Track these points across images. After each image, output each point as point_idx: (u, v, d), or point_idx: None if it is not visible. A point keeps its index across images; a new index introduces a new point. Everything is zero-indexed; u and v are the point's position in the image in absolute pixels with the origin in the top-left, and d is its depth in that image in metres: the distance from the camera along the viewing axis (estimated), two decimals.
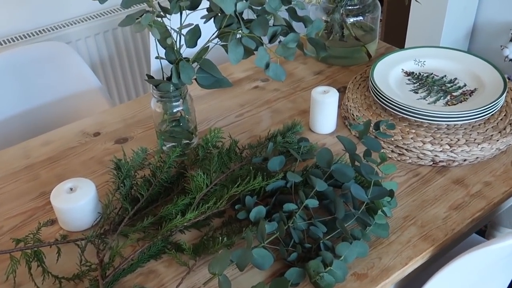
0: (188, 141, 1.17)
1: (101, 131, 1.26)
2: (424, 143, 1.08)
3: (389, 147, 1.12)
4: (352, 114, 1.20)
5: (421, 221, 0.96)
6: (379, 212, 0.91)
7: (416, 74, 1.26)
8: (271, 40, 0.96)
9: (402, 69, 1.27)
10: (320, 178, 0.94)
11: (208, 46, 1.01)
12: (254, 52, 0.94)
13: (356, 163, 0.96)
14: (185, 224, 0.90)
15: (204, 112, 1.31)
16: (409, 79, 1.24)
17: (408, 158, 1.11)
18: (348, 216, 0.92)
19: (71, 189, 0.97)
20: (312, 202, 0.90)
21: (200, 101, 1.34)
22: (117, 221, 0.97)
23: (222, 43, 0.99)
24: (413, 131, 1.11)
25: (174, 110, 1.13)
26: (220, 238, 0.89)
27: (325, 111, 1.17)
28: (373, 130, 1.01)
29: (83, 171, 1.14)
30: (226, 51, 0.95)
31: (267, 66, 0.93)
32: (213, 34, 0.99)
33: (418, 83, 1.23)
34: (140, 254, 0.90)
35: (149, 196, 1.00)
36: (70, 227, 0.98)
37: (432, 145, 1.08)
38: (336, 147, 1.16)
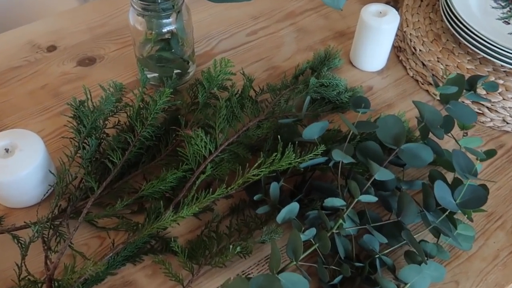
0: (180, 71, 0.83)
1: (57, 44, 0.89)
2: None
3: None
4: (413, 48, 0.86)
5: None
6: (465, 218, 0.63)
7: None
8: None
9: None
10: (379, 157, 0.64)
11: None
12: None
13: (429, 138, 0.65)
14: (177, 221, 0.60)
15: (202, 25, 0.94)
16: (497, 2, 0.88)
17: (488, 120, 0.80)
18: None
19: (6, 150, 0.64)
20: (369, 198, 0.61)
21: (197, 7, 0.97)
22: (78, 197, 0.66)
23: None
24: (501, 81, 0.79)
25: (164, 30, 0.77)
26: (232, 246, 0.60)
27: (378, 41, 0.83)
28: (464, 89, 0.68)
29: (29, 107, 0.80)
30: None
31: None
32: None
33: (510, 9, 0.87)
34: (111, 257, 0.61)
35: (126, 161, 0.69)
36: (8, 203, 0.68)
37: None
38: (386, 96, 0.84)
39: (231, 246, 0.60)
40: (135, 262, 0.63)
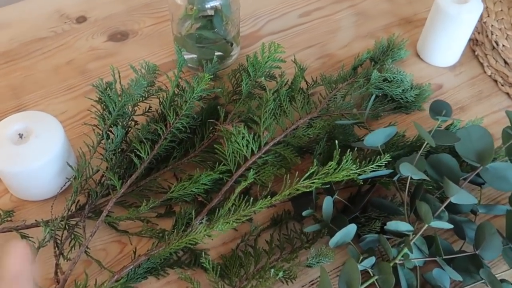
0: (222, 54, 0.73)
1: (88, 15, 0.80)
2: None
3: None
4: (494, 42, 0.73)
5: None
6: None
7: None
8: None
9: None
10: (455, 174, 0.53)
11: None
12: None
13: None
14: (210, 236, 0.51)
15: (249, 2, 0.84)
16: None
17: None
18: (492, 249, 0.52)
19: (20, 135, 0.56)
20: (442, 225, 0.50)
21: None
22: (99, 194, 0.58)
23: None
24: None
25: (206, 5, 0.66)
26: (273, 270, 0.50)
27: (455, 32, 0.70)
28: None
29: (52, 85, 0.71)
30: None
31: None
32: None
33: None
34: (133, 270, 0.53)
35: (154, 155, 0.60)
36: (20, 195, 0.60)
37: None
38: (458, 96, 0.72)
39: (272, 270, 0.50)
40: (158, 275, 0.54)
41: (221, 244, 0.57)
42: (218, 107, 0.63)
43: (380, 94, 0.68)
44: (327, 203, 0.52)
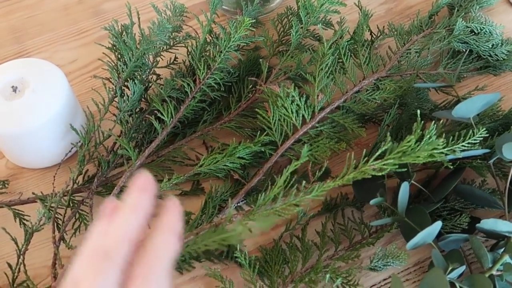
0: None
1: None
2: None
3: None
4: None
5: None
6: None
7: None
8: None
9: None
10: None
11: None
12: None
13: None
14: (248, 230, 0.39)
15: None
16: None
17: None
18: None
19: (14, 89, 0.45)
20: None
21: None
22: (111, 164, 0.47)
23: None
24: None
25: None
26: (329, 275, 0.39)
27: None
28: None
29: (60, 28, 0.60)
30: None
31: None
32: None
33: None
34: None
35: (180, 118, 0.48)
36: (18, 162, 0.49)
37: None
38: None
39: (328, 275, 0.39)
40: (182, 270, 0.44)
41: (259, 232, 0.46)
42: (260, 60, 0.51)
43: (464, 50, 0.54)
44: (404, 190, 0.39)
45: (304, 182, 0.39)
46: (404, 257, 0.40)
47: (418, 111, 0.40)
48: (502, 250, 0.39)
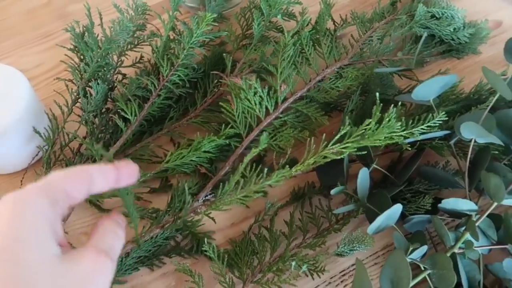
0: None
1: None
2: None
3: None
4: None
5: None
6: None
7: None
8: None
9: None
10: None
11: None
12: None
13: None
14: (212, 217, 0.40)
15: None
16: None
17: None
18: None
19: None
20: None
21: None
22: (78, 165, 0.47)
23: None
24: None
25: None
26: (295, 263, 0.39)
27: None
28: None
29: (26, 32, 0.59)
30: None
31: None
32: None
33: None
34: (119, 260, 0.42)
35: (146, 117, 0.48)
36: None
37: None
38: None
39: (293, 263, 0.39)
40: (152, 266, 0.44)
41: (229, 225, 0.46)
42: (224, 54, 0.51)
43: (426, 35, 0.55)
44: (363, 176, 0.40)
45: (266, 169, 0.40)
46: (369, 241, 0.41)
47: (377, 94, 0.41)
48: (463, 228, 0.39)
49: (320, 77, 0.49)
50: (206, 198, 0.46)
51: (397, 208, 0.38)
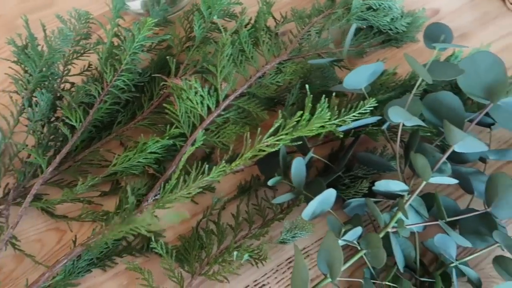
0: None
1: None
2: None
3: None
4: None
5: None
6: None
7: None
8: None
9: None
10: (458, 116, 0.42)
11: None
12: None
13: None
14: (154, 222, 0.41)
15: None
16: None
17: None
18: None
19: None
20: (444, 180, 0.40)
21: None
22: (27, 175, 0.48)
23: None
24: None
25: None
26: (236, 253, 0.41)
27: None
28: None
29: None
30: None
31: None
32: None
33: None
34: (70, 261, 0.43)
35: (93, 122, 0.49)
36: None
37: None
38: (459, 22, 0.60)
39: (235, 253, 0.41)
40: (104, 267, 0.45)
41: (179, 222, 0.48)
42: (167, 57, 0.52)
43: (365, 26, 0.57)
44: (297, 165, 0.41)
45: (207, 166, 0.41)
46: (309, 227, 0.42)
47: (307, 86, 0.43)
48: (396, 208, 0.41)
49: (260, 73, 0.51)
50: (156, 198, 0.47)
51: (330, 193, 0.40)
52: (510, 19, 0.59)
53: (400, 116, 0.41)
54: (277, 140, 0.41)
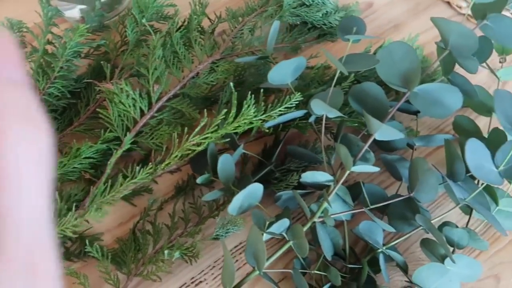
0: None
1: None
2: None
3: None
4: None
5: None
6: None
7: None
8: None
9: None
10: (381, 105, 0.43)
11: None
12: None
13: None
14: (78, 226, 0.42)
15: None
16: None
17: None
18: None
19: None
20: (366, 168, 0.41)
21: None
22: None
23: None
24: None
25: None
26: (167, 251, 0.41)
27: None
28: None
29: None
30: None
31: None
32: None
33: None
34: None
35: None
36: None
37: None
38: (392, 13, 0.62)
39: (166, 251, 0.41)
40: None
41: (117, 225, 0.48)
42: (102, 62, 0.52)
43: (299, 22, 0.58)
44: (223, 162, 0.42)
45: (138, 168, 0.42)
46: (240, 222, 0.43)
47: (231, 84, 0.43)
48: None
49: (193, 73, 0.51)
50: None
51: (256, 187, 0.41)
52: (440, 8, 0.61)
53: (322, 108, 0.42)
54: (203, 139, 0.42)
